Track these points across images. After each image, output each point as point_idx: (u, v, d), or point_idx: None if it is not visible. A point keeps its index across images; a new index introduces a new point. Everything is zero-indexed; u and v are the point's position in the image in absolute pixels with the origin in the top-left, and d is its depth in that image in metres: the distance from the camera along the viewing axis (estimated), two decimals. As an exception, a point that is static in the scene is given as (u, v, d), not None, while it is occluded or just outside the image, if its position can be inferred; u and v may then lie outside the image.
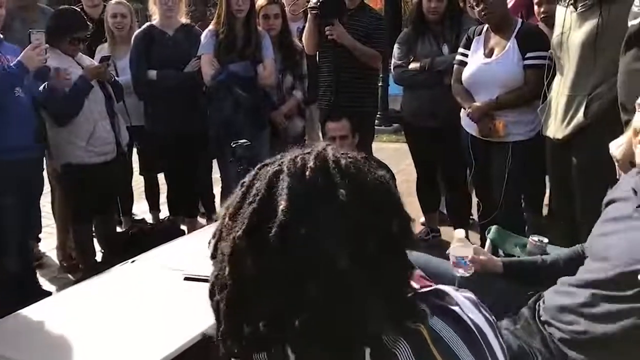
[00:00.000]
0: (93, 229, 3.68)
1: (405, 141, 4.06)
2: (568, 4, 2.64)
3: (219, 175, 3.86)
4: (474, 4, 3.21)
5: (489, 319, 0.85)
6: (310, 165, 0.77)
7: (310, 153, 0.80)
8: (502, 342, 0.83)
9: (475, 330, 0.81)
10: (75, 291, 2.09)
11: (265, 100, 3.65)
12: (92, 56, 3.76)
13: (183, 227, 4.01)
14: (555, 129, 2.74)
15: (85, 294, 2.01)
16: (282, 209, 0.73)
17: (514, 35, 3.09)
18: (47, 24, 3.30)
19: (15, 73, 2.88)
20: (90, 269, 3.26)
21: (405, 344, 0.75)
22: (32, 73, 2.99)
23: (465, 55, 3.27)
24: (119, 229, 4.09)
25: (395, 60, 3.72)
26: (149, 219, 4.44)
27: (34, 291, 3.12)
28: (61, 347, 1.65)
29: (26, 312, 1.84)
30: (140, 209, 4.58)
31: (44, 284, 3.53)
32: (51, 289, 3.45)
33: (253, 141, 2.72)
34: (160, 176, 4.31)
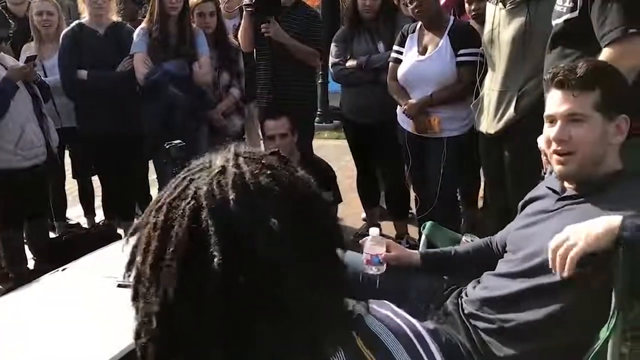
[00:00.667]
0: (25, 236, 3.54)
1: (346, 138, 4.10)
2: (497, 2, 2.71)
3: (155, 176, 3.78)
4: (407, 2, 3.26)
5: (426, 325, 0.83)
6: (232, 197, 0.69)
7: (221, 175, 0.72)
8: (438, 345, 0.81)
9: (413, 334, 0.79)
10: (4, 302, 2.00)
11: (201, 98, 3.60)
12: (18, 56, 3.61)
13: (120, 231, 3.90)
14: (488, 124, 2.81)
15: (14, 305, 1.93)
16: (217, 261, 0.66)
17: (446, 32, 3.15)
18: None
19: None
20: (21, 277, 3.13)
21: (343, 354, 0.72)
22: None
23: (400, 53, 3.32)
24: (52, 235, 3.95)
25: (332, 58, 3.73)
26: (84, 223, 4.30)
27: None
28: (-13, 362, 1.58)
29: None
30: (74, 213, 4.45)
31: (-28, 295, 3.37)
32: (-21, 300, 3.30)
33: (189, 141, 2.67)
34: (95, 179, 4.18)
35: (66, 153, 4.09)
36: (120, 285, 1.90)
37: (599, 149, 1.55)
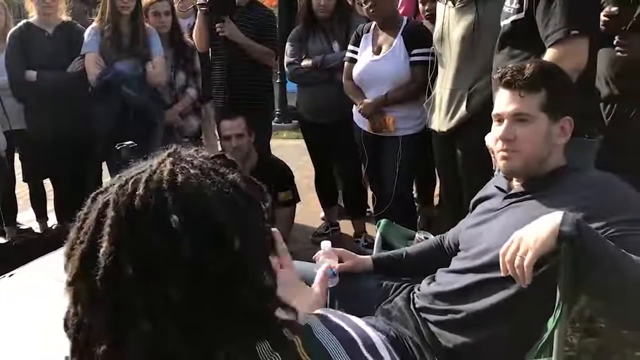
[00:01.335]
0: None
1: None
2: (447, 1, 2.75)
3: (110, 178, 3.71)
4: (362, 1, 3.28)
5: (381, 336, 0.81)
6: (140, 192, 0.69)
7: (145, 172, 0.72)
8: (393, 353, 0.79)
9: (362, 342, 0.77)
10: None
11: (155, 99, 3.55)
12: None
13: (73, 235, 3.82)
14: (440, 123, 2.85)
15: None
16: (103, 252, 0.67)
17: (400, 32, 3.19)
18: None
19: None
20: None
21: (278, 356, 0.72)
22: None
23: (355, 53, 3.34)
24: (2, 240, 3.84)
25: (287, 57, 3.73)
26: (36, 227, 4.19)
27: None
28: None
29: None
30: (26, 218, 4.31)
31: None
32: None
33: (143, 142, 2.63)
34: (47, 182, 4.08)
35: (16, 156, 3.98)
36: (70, 290, 1.86)
37: (543, 149, 1.60)
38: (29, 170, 4.03)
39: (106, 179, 3.85)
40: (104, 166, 3.87)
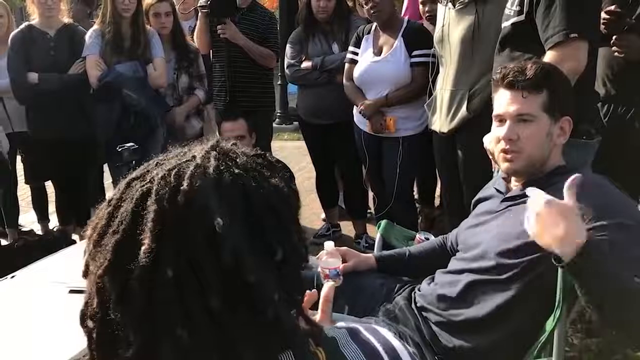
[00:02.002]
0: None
1: (304, 139, 4.11)
2: (447, 2, 2.76)
3: (111, 181, 3.71)
4: (363, 3, 3.29)
5: (410, 351, 0.79)
6: (184, 187, 0.65)
7: (190, 163, 0.68)
8: None
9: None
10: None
11: (157, 101, 3.55)
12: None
13: (75, 237, 3.83)
14: (441, 124, 2.85)
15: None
16: (144, 249, 0.63)
17: (400, 33, 3.20)
18: None
19: None
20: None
21: None
22: None
23: (356, 54, 3.35)
24: (4, 242, 3.85)
25: (287, 59, 3.74)
26: (37, 229, 4.19)
27: None
28: None
29: None
30: (28, 220, 4.33)
31: None
32: None
33: (144, 144, 2.64)
34: (49, 184, 4.09)
35: (18, 158, 3.98)
36: (72, 291, 1.87)
37: (544, 149, 1.60)
38: (30, 172, 4.04)
39: (107, 181, 3.86)
40: (106, 168, 3.89)
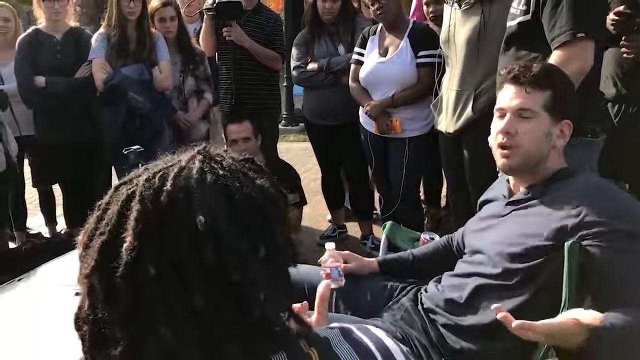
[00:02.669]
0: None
1: (310, 140, 4.10)
2: (453, 2, 2.76)
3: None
4: (369, 4, 3.29)
5: (403, 349, 0.79)
6: (167, 187, 0.67)
7: (175, 166, 0.70)
8: None
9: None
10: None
11: (163, 103, 3.56)
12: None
13: (82, 239, 3.83)
14: (447, 124, 2.85)
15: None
16: (126, 246, 0.65)
17: (406, 34, 3.19)
18: None
19: None
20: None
21: None
22: None
23: (362, 55, 3.34)
24: (12, 245, 3.86)
25: (293, 61, 3.74)
26: (45, 232, 4.21)
27: None
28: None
29: None
30: (35, 223, 4.35)
31: None
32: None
33: (150, 146, 2.64)
34: (56, 187, 4.11)
35: (25, 161, 4.00)
36: (78, 294, 1.87)
37: (542, 148, 1.60)
38: (38, 176, 4.06)
39: (115, 183, 3.86)
40: (114, 171, 3.90)
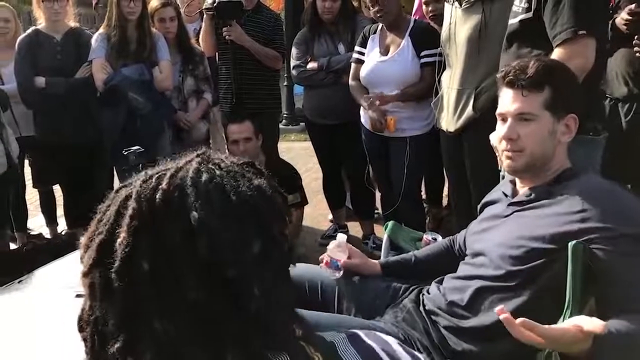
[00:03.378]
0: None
1: (311, 139, 4.10)
2: (453, 1, 2.75)
3: (119, 184, 3.72)
4: (369, 5, 3.27)
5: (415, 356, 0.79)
6: (163, 186, 0.69)
7: (171, 169, 0.72)
8: None
9: None
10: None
11: (163, 103, 3.56)
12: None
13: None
14: (448, 123, 2.84)
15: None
16: (119, 242, 0.67)
17: (407, 33, 3.18)
18: None
19: None
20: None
21: None
22: None
23: (362, 54, 3.33)
24: (13, 246, 3.86)
25: (293, 60, 3.74)
26: (46, 233, 4.21)
27: None
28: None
29: None
30: (36, 223, 4.34)
31: None
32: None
33: (151, 146, 2.64)
34: (57, 187, 4.11)
35: (26, 162, 4.00)
36: (78, 295, 1.86)
37: (547, 147, 1.58)
38: (38, 176, 4.06)
39: (117, 184, 3.86)
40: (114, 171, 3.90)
